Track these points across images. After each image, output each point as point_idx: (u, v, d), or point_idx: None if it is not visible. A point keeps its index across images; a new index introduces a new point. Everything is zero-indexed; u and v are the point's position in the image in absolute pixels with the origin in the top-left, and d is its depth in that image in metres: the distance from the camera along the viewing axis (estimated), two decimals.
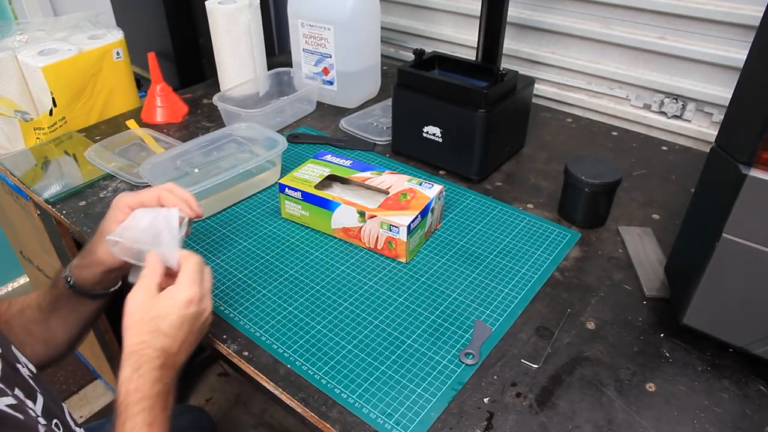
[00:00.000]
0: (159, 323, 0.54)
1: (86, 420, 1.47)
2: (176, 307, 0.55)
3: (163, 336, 0.54)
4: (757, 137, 0.49)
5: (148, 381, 0.52)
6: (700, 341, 0.63)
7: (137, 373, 0.52)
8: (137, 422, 0.50)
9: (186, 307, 0.55)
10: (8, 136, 1.06)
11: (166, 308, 0.55)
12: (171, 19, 1.33)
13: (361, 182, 0.81)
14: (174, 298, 0.55)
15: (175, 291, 0.56)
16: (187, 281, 0.56)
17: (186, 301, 0.55)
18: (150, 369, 0.52)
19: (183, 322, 0.55)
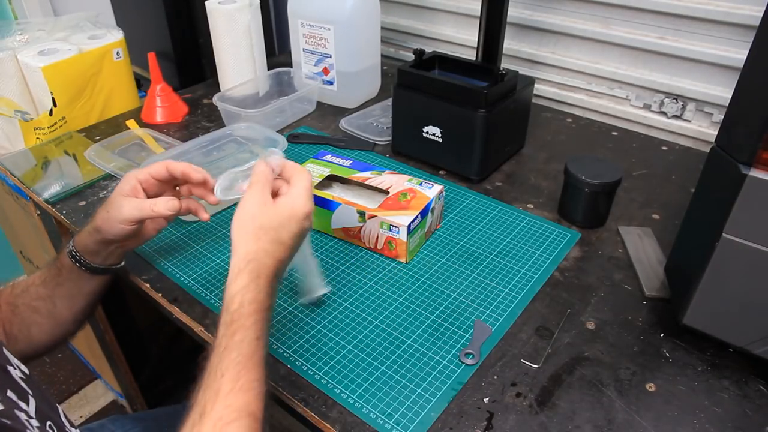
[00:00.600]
0: (281, 234, 0.53)
1: (86, 420, 1.47)
2: (297, 218, 0.54)
3: (284, 248, 0.53)
4: (757, 137, 0.49)
5: (265, 292, 0.51)
6: (700, 341, 0.63)
7: (255, 283, 0.51)
8: (249, 334, 0.49)
9: (306, 219, 0.55)
10: (8, 136, 1.06)
11: (288, 219, 0.54)
12: (171, 19, 1.33)
13: (361, 182, 0.81)
14: (295, 210, 0.54)
15: (295, 203, 0.55)
16: (304, 194, 0.56)
17: (305, 213, 0.55)
18: (267, 279, 0.52)
19: (299, 234, 0.55)
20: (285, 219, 0.54)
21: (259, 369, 0.48)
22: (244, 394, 0.46)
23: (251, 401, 0.46)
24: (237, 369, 0.47)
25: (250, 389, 0.47)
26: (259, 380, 0.48)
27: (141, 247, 0.78)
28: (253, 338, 0.49)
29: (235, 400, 0.45)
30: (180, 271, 0.74)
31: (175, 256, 0.77)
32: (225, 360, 0.47)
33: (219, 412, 0.45)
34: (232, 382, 0.46)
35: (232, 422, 0.44)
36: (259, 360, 0.49)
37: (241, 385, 0.46)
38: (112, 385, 1.43)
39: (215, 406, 0.45)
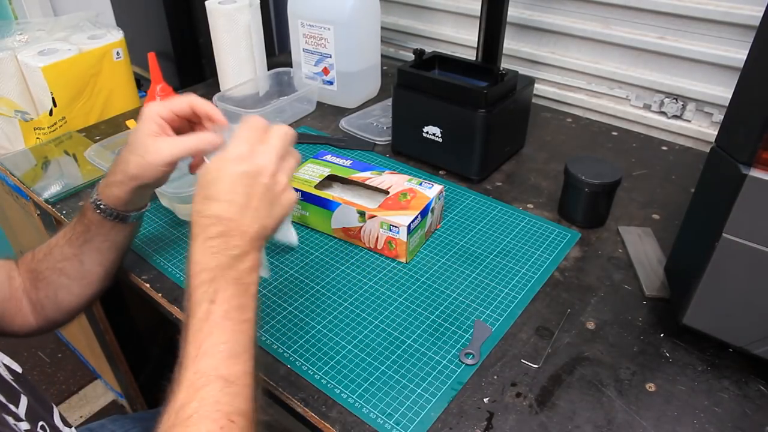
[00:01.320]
0: (207, 189, 0.49)
1: (86, 420, 1.47)
2: (221, 168, 0.49)
3: (214, 202, 0.49)
4: (757, 137, 0.49)
5: (205, 252, 0.48)
6: (700, 341, 0.63)
7: (195, 244, 0.48)
8: (198, 297, 0.47)
9: (233, 165, 0.49)
10: (8, 136, 1.06)
11: (214, 171, 0.50)
12: (171, 19, 1.33)
13: (361, 182, 0.81)
14: (221, 157, 0.50)
15: (221, 156, 0.51)
16: (235, 140, 0.51)
17: (234, 157, 0.49)
18: (205, 239, 0.48)
19: (234, 183, 0.49)
20: (212, 173, 0.50)
21: (222, 331, 0.46)
22: (209, 358, 0.45)
23: (218, 365, 0.45)
24: (196, 335, 0.46)
25: (215, 353, 0.45)
26: (226, 342, 0.46)
27: (141, 247, 0.78)
28: (203, 300, 0.46)
29: (202, 364, 0.44)
30: (180, 271, 0.74)
31: (175, 256, 0.77)
32: (187, 325, 0.47)
33: (189, 378, 0.44)
34: (195, 348, 0.45)
35: (202, 387, 0.43)
36: (219, 321, 0.46)
37: (204, 350, 0.45)
38: (112, 385, 1.43)
39: (185, 374, 0.44)
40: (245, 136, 0.51)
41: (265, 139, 0.52)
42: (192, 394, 0.43)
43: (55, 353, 1.63)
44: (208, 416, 0.42)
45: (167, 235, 0.81)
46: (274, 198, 0.52)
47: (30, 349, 1.64)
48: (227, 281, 0.48)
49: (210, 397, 0.43)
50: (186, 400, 0.43)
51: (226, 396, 0.44)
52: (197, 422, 0.42)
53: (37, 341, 1.65)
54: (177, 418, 0.42)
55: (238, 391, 0.45)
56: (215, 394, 0.43)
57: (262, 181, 0.50)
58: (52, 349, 1.64)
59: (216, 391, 0.43)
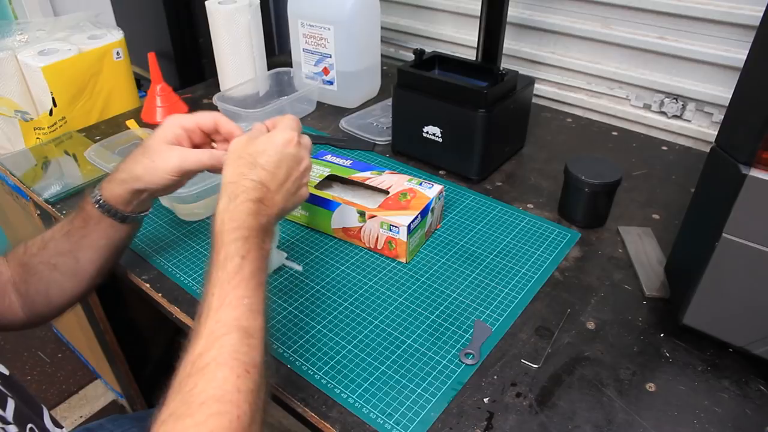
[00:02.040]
0: (257, 157, 0.54)
1: (86, 420, 1.47)
2: (273, 144, 0.55)
3: (261, 169, 0.54)
4: (757, 137, 0.49)
5: (244, 211, 0.51)
6: (700, 341, 0.63)
7: (233, 203, 0.51)
8: (231, 251, 0.49)
9: (284, 146, 0.55)
10: (8, 136, 1.06)
11: (264, 145, 0.55)
12: (171, 19, 1.33)
13: (361, 182, 0.81)
14: (271, 138, 0.56)
15: (273, 133, 0.57)
16: (282, 126, 0.57)
17: (284, 140, 0.56)
18: (246, 199, 0.52)
19: (281, 160, 0.55)
20: (261, 146, 0.55)
21: (247, 287, 0.48)
22: (233, 310, 0.46)
23: (240, 316, 0.46)
24: (223, 286, 0.47)
25: (239, 305, 0.47)
26: (249, 297, 0.48)
27: (141, 247, 0.78)
28: (236, 255, 0.49)
29: (224, 314, 0.46)
30: (180, 271, 0.74)
31: (175, 256, 0.77)
32: (212, 279, 0.48)
33: (210, 327, 0.45)
34: (220, 299, 0.47)
35: (222, 336, 0.45)
36: (247, 277, 0.48)
37: (229, 301, 0.47)
38: (112, 385, 1.43)
39: (207, 322, 0.46)
40: (291, 126, 0.58)
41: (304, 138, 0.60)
42: (211, 343, 0.44)
43: (55, 353, 1.63)
44: (226, 363, 0.43)
45: (167, 235, 0.81)
46: (299, 188, 0.58)
47: (30, 349, 1.63)
48: (257, 243, 0.51)
49: (229, 346, 0.44)
50: (204, 348, 0.44)
51: (245, 346, 0.45)
52: (215, 369, 0.43)
53: (38, 341, 1.65)
54: (194, 367, 0.43)
55: (255, 344, 0.46)
56: (234, 343, 0.44)
57: (300, 168, 0.57)
58: (52, 349, 1.64)
59: (235, 340, 0.45)
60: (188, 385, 0.42)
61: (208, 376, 0.42)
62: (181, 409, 0.41)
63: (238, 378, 0.43)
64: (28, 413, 0.52)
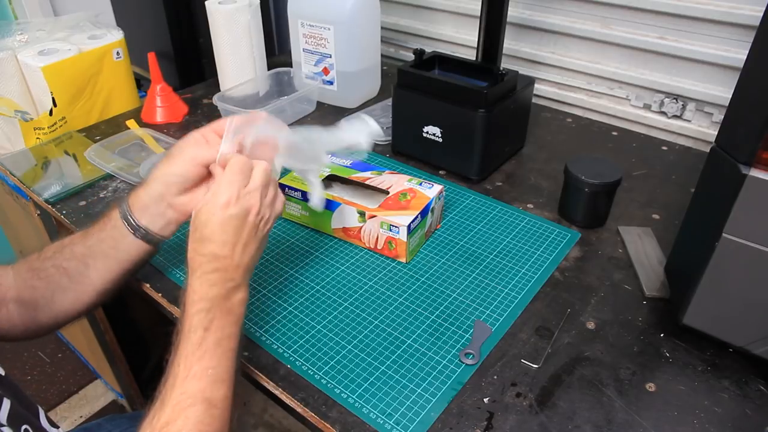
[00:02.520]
0: (202, 230, 0.54)
1: (86, 420, 1.47)
2: (213, 213, 0.55)
3: (208, 242, 0.54)
4: (757, 137, 0.49)
5: (204, 283, 0.53)
6: (700, 341, 0.63)
7: (193, 277, 0.53)
8: (194, 323, 0.51)
9: (223, 210, 0.54)
10: (8, 136, 1.06)
11: (206, 214, 0.55)
12: (171, 19, 1.33)
13: (361, 182, 0.81)
14: (210, 203, 0.55)
15: (210, 195, 0.56)
16: (221, 183, 0.55)
17: (222, 204, 0.54)
18: (202, 273, 0.53)
19: (224, 225, 0.54)
20: (203, 216, 0.55)
21: (212, 357, 0.50)
22: (197, 381, 0.49)
23: (205, 387, 0.49)
24: (188, 358, 0.50)
25: (204, 376, 0.49)
26: (214, 368, 0.50)
27: None
28: (199, 327, 0.51)
29: (189, 386, 0.48)
30: (180, 271, 0.74)
31: (175, 256, 0.77)
32: (178, 349, 0.51)
33: (176, 398, 0.48)
34: (185, 370, 0.49)
35: (187, 408, 0.47)
36: (211, 348, 0.51)
37: (194, 373, 0.49)
38: (112, 385, 1.43)
39: (172, 393, 0.48)
40: (231, 180, 0.55)
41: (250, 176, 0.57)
42: (177, 414, 0.47)
43: (55, 353, 1.63)
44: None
45: None
46: (261, 233, 0.57)
47: (30, 349, 1.64)
48: (222, 311, 0.53)
49: (194, 417, 0.47)
50: (171, 418, 0.47)
51: (209, 417, 0.48)
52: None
53: (38, 341, 1.65)
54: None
55: (219, 414, 0.49)
56: (199, 415, 0.47)
57: (249, 220, 0.56)
58: (52, 349, 1.64)
59: (200, 412, 0.48)
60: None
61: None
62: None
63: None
64: (24, 413, 0.52)
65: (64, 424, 1.45)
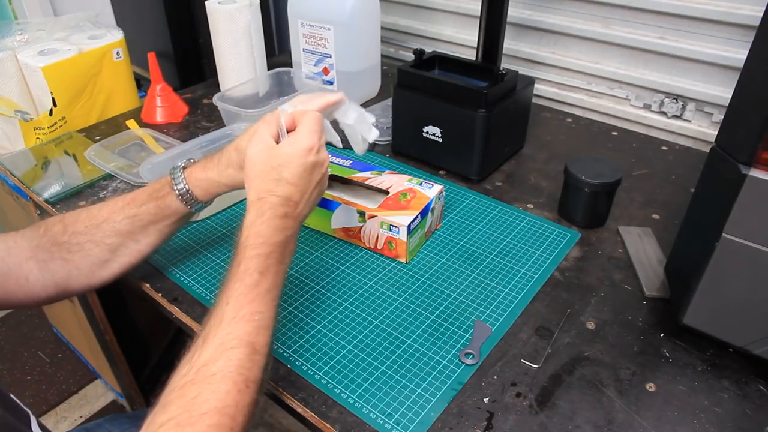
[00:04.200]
0: (282, 171, 0.54)
1: (86, 420, 1.47)
2: (297, 155, 0.55)
3: (286, 184, 0.54)
4: (757, 137, 0.49)
5: (270, 227, 0.52)
6: (700, 341, 0.63)
7: (260, 219, 0.53)
8: (251, 266, 0.51)
9: (306, 154, 0.55)
10: (8, 136, 1.06)
11: (287, 156, 0.55)
12: (171, 19, 1.33)
13: (361, 182, 0.81)
14: (294, 146, 0.55)
15: (294, 140, 0.56)
16: (305, 131, 0.56)
17: (306, 149, 0.55)
18: (273, 216, 0.53)
19: (304, 170, 0.55)
20: (284, 159, 0.55)
21: (262, 302, 0.50)
22: (245, 324, 0.48)
23: (251, 331, 0.48)
24: (239, 299, 0.49)
25: (251, 320, 0.48)
26: (262, 313, 0.49)
27: None
28: (255, 270, 0.50)
29: (236, 327, 0.47)
30: (180, 271, 0.74)
31: (175, 256, 0.77)
32: (230, 289, 0.50)
33: (221, 338, 0.47)
34: (234, 311, 0.48)
35: (231, 348, 0.46)
36: (263, 293, 0.50)
37: (242, 315, 0.48)
38: (112, 385, 1.43)
39: (218, 332, 0.47)
40: (313, 130, 0.57)
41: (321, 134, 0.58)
42: (220, 353, 0.46)
43: (55, 353, 1.63)
44: (231, 377, 0.45)
45: None
46: (322, 185, 0.59)
47: (30, 350, 1.63)
48: (278, 259, 0.53)
49: (237, 359, 0.46)
50: (212, 358, 0.45)
51: (250, 362, 0.47)
52: (220, 381, 0.44)
53: (38, 341, 1.65)
54: (198, 374, 0.45)
55: (259, 360, 0.48)
56: (242, 357, 0.46)
57: (321, 171, 0.57)
58: (52, 349, 1.64)
59: (243, 355, 0.46)
60: (191, 392, 0.43)
61: (212, 387, 0.44)
62: (182, 417, 0.42)
63: (239, 393, 0.45)
64: (14, 423, 0.51)
65: (63, 424, 1.45)
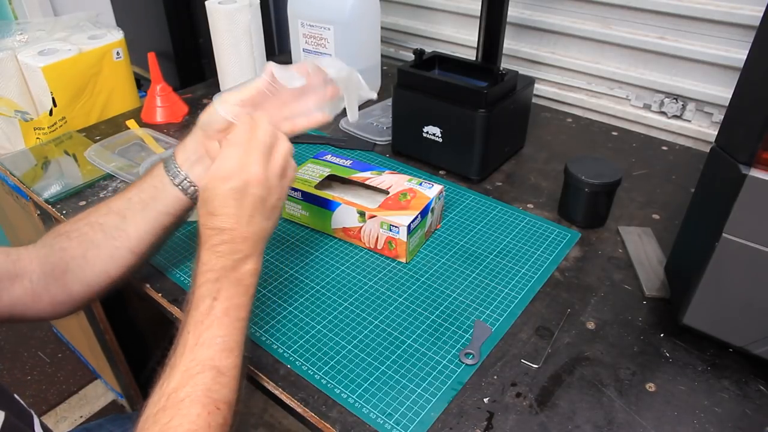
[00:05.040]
0: (207, 205, 0.55)
1: (86, 420, 1.47)
2: (214, 186, 0.54)
3: (213, 216, 0.54)
4: (757, 137, 0.49)
5: (212, 255, 0.53)
6: (700, 341, 0.63)
7: (203, 248, 0.54)
8: (203, 292, 0.52)
9: (223, 183, 0.54)
10: (8, 136, 1.05)
11: (210, 189, 0.54)
12: (171, 19, 1.33)
13: (361, 182, 0.81)
14: (209, 177, 0.55)
15: (213, 166, 0.55)
16: (221, 155, 0.55)
17: (221, 178, 0.54)
18: (211, 245, 0.54)
19: (226, 198, 0.54)
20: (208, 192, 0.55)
21: (221, 325, 0.51)
22: (206, 349, 0.49)
23: (214, 356, 0.49)
24: (197, 326, 0.51)
25: (213, 344, 0.50)
26: (222, 336, 0.51)
27: None
28: (207, 296, 0.52)
29: (198, 353, 0.49)
30: (180, 271, 0.74)
31: (175, 256, 0.77)
32: (189, 317, 0.52)
33: (185, 365, 0.48)
34: (194, 338, 0.50)
35: (197, 374, 0.48)
36: (219, 316, 0.51)
37: (203, 341, 0.50)
38: (112, 385, 1.43)
39: (182, 360, 0.49)
40: (230, 153, 0.55)
41: (251, 145, 0.55)
42: (186, 380, 0.48)
43: (55, 353, 1.63)
44: (199, 401, 0.47)
45: None
46: (268, 202, 0.56)
47: (30, 350, 1.64)
48: (230, 282, 0.53)
49: (202, 384, 0.48)
50: (179, 384, 0.47)
51: (217, 385, 0.48)
52: (189, 405, 0.46)
53: (38, 341, 1.65)
54: (169, 401, 0.47)
55: (227, 381, 0.49)
56: (208, 381, 0.48)
57: (252, 191, 0.54)
58: (52, 349, 1.64)
59: (209, 379, 0.48)
60: (164, 418, 0.45)
61: (183, 412, 0.46)
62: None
63: (209, 414, 0.46)
64: (18, 424, 0.52)
65: (64, 425, 1.45)
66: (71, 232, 0.62)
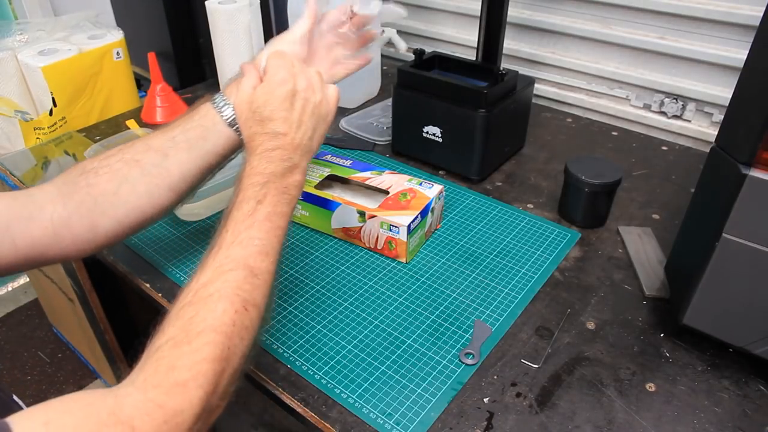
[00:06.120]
0: (262, 112, 0.55)
1: None
2: (270, 91, 0.56)
3: (268, 121, 0.55)
4: (757, 137, 0.49)
5: (263, 160, 0.53)
6: (700, 341, 0.63)
7: (253, 155, 0.54)
8: (248, 195, 0.52)
9: (279, 86, 0.56)
10: (8, 136, 1.06)
11: (262, 96, 0.56)
12: (171, 19, 1.33)
13: (361, 182, 0.81)
14: (265, 85, 0.56)
15: (266, 78, 0.57)
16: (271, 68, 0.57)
17: (276, 82, 0.56)
18: (264, 150, 0.54)
19: (283, 101, 0.55)
20: (261, 99, 0.56)
21: (261, 228, 0.51)
22: (243, 248, 0.49)
23: (249, 255, 0.49)
24: (237, 226, 0.50)
25: (250, 245, 0.49)
26: (261, 239, 0.50)
27: (141, 248, 0.78)
28: (252, 198, 0.51)
29: (234, 251, 0.49)
30: (180, 271, 0.74)
31: (175, 256, 0.77)
32: (229, 218, 0.51)
33: (219, 261, 0.48)
34: (232, 237, 0.50)
35: (229, 270, 0.47)
36: (261, 219, 0.51)
37: (240, 240, 0.49)
38: (112, 385, 1.43)
39: (216, 257, 0.48)
40: (279, 64, 0.57)
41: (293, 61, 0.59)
42: (217, 275, 0.47)
43: (55, 353, 1.63)
44: (227, 297, 0.46)
45: (167, 235, 0.81)
46: (317, 109, 0.58)
47: (30, 350, 1.64)
48: (277, 189, 0.53)
49: (233, 281, 0.47)
50: (210, 279, 0.47)
51: (248, 285, 0.48)
52: (216, 301, 0.45)
53: (38, 341, 1.65)
54: (196, 296, 0.46)
55: (259, 284, 0.49)
56: (239, 279, 0.47)
57: (305, 96, 0.57)
58: (52, 349, 1.64)
59: (240, 277, 0.47)
60: (188, 313, 0.45)
61: (209, 306, 0.45)
62: (179, 336, 0.43)
63: (236, 313, 0.45)
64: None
65: None
66: (99, 168, 0.59)
